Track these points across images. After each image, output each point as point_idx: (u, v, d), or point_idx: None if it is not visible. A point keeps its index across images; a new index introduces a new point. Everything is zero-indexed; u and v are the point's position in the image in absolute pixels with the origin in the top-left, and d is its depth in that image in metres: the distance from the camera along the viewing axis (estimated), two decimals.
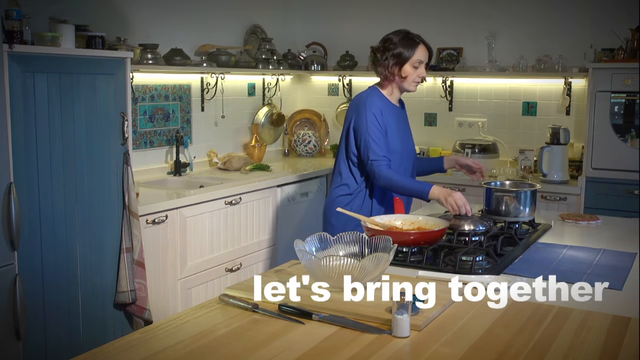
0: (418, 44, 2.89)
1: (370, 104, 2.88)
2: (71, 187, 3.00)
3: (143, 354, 1.55)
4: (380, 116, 2.87)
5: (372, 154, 2.83)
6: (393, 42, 2.89)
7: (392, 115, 2.94)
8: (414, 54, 2.87)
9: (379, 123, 2.85)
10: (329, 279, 1.88)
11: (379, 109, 2.87)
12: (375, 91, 2.96)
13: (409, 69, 2.88)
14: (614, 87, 4.15)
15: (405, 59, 2.87)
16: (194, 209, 3.73)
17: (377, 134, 2.84)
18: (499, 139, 4.93)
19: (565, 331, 1.67)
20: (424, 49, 2.92)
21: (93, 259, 3.11)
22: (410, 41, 2.89)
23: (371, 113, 2.86)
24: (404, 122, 3.08)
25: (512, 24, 4.87)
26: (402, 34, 2.92)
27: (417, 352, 1.56)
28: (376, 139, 2.84)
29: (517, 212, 2.84)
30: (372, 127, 2.85)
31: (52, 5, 3.42)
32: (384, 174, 2.81)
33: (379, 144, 2.83)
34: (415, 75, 2.90)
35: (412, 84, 2.93)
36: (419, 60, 2.88)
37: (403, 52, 2.86)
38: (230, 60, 4.64)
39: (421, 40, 2.93)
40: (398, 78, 2.90)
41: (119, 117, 3.20)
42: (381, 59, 2.90)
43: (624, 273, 2.19)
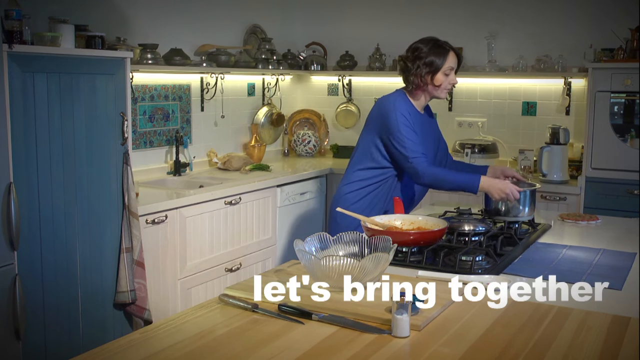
0: (448, 52, 2.92)
1: (399, 105, 2.91)
2: (71, 187, 3.00)
3: (143, 354, 1.55)
4: (409, 116, 2.89)
5: (410, 152, 2.84)
6: (423, 50, 2.91)
7: (417, 121, 2.95)
8: (446, 61, 2.90)
9: (410, 123, 2.88)
10: (328, 279, 1.88)
11: (407, 111, 2.90)
12: (402, 95, 2.98)
13: (441, 77, 2.90)
14: (614, 87, 4.15)
15: (437, 67, 2.89)
16: (193, 209, 3.73)
17: (411, 132, 2.86)
18: (499, 139, 4.93)
19: (565, 331, 1.67)
20: (453, 56, 2.94)
21: (93, 259, 3.11)
22: (440, 49, 2.92)
23: (401, 115, 2.87)
24: (429, 129, 3.08)
25: (512, 24, 4.87)
26: (431, 42, 2.94)
27: (417, 352, 1.56)
28: (410, 137, 2.85)
29: (517, 212, 2.85)
30: (403, 126, 2.86)
31: (51, 5, 3.42)
32: (428, 170, 2.83)
33: (415, 142, 2.85)
34: (447, 83, 2.93)
35: (444, 91, 2.96)
36: (450, 67, 2.91)
37: (435, 60, 2.88)
38: (230, 60, 4.64)
39: (450, 47, 2.96)
40: (430, 86, 2.92)
41: (119, 117, 3.20)
42: (413, 67, 2.91)
43: (623, 273, 2.19)
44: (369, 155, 2.99)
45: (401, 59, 2.99)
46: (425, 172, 2.82)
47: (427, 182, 2.88)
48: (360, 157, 3.03)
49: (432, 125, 3.15)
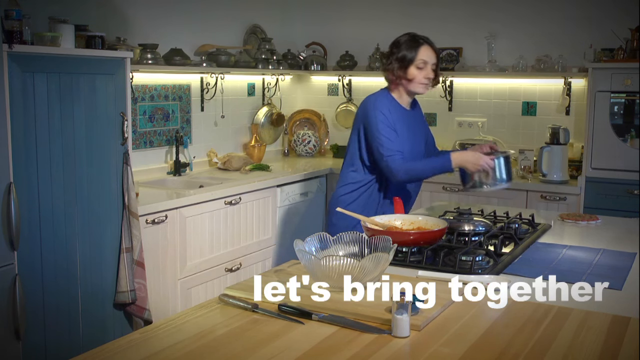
0: (421, 45, 2.90)
1: (379, 103, 2.91)
2: (71, 187, 3.00)
3: (143, 354, 1.55)
4: (389, 114, 2.89)
5: (385, 150, 2.85)
6: (397, 45, 2.92)
7: (402, 118, 2.95)
8: (417, 55, 2.88)
9: (388, 121, 2.87)
10: (328, 279, 1.88)
11: (387, 108, 2.90)
12: (384, 93, 3.00)
13: (413, 70, 2.89)
14: (614, 87, 4.15)
15: (409, 61, 2.88)
16: (193, 209, 3.73)
17: (388, 130, 2.86)
18: (499, 138, 4.93)
19: (565, 331, 1.67)
20: (428, 49, 2.91)
21: (93, 259, 3.11)
22: (413, 42, 2.90)
23: (380, 112, 2.88)
24: (416, 124, 3.07)
25: (512, 24, 4.87)
26: (407, 36, 2.94)
27: (416, 352, 1.56)
28: (387, 135, 2.85)
29: (495, 181, 2.84)
30: (381, 125, 2.86)
31: (51, 5, 3.42)
32: (401, 166, 2.83)
33: (391, 140, 2.85)
34: (421, 77, 2.91)
35: (419, 86, 2.93)
36: (422, 60, 2.88)
37: (406, 54, 2.88)
38: (230, 60, 4.64)
39: (426, 41, 2.93)
40: (405, 81, 2.92)
41: (119, 117, 3.20)
42: (387, 63, 2.94)
43: (623, 273, 2.19)
44: (357, 156, 3.00)
45: (380, 55, 3.00)
46: (399, 169, 2.82)
47: (402, 178, 2.87)
48: (350, 158, 3.04)
49: (420, 119, 3.15)
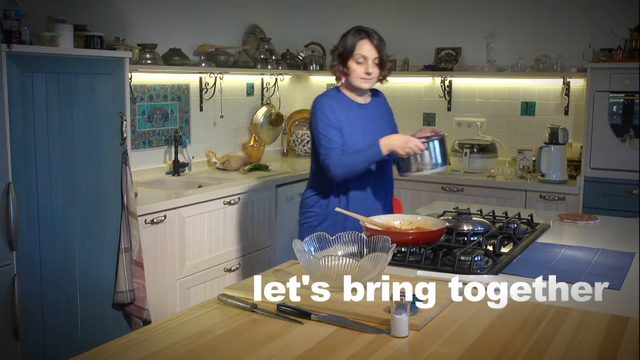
0: (360, 39, 2.79)
1: (319, 102, 2.84)
2: (70, 187, 2.99)
3: (142, 354, 1.55)
4: (331, 112, 2.80)
5: (323, 149, 2.77)
6: (341, 39, 2.84)
7: (352, 112, 2.86)
8: (355, 49, 2.78)
9: (329, 119, 2.78)
10: (327, 279, 1.88)
11: (328, 106, 2.81)
12: (331, 91, 2.92)
13: (352, 65, 2.80)
14: (613, 87, 4.15)
15: (347, 56, 2.80)
16: (192, 209, 3.73)
17: (327, 128, 2.78)
18: (498, 138, 4.93)
19: (563, 331, 1.68)
20: (367, 44, 2.79)
21: (92, 259, 3.11)
22: (353, 36, 2.81)
23: (320, 111, 2.81)
24: (376, 118, 2.95)
25: (511, 24, 4.87)
26: (352, 30, 2.85)
27: (415, 352, 1.56)
28: (326, 133, 2.77)
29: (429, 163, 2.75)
30: (321, 124, 2.79)
31: (50, 5, 3.42)
32: (336, 162, 2.73)
33: (330, 138, 2.77)
34: (361, 72, 2.80)
35: (360, 81, 2.82)
36: (361, 55, 2.78)
37: (345, 48, 2.80)
38: (228, 60, 4.64)
39: (367, 34, 2.81)
40: (346, 76, 2.85)
41: (118, 117, 3.20)
42: (331, 57, 2.89)
43: (622, 273, 2.19)
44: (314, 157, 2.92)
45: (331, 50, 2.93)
46: (335, 164, 2.74)
47: (340, 174, 2.76)
48: (312, 159, 2.96)
49: (382, 111, 3.03)
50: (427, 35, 5.18)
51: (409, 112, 5.28)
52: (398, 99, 5.33)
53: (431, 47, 5.16)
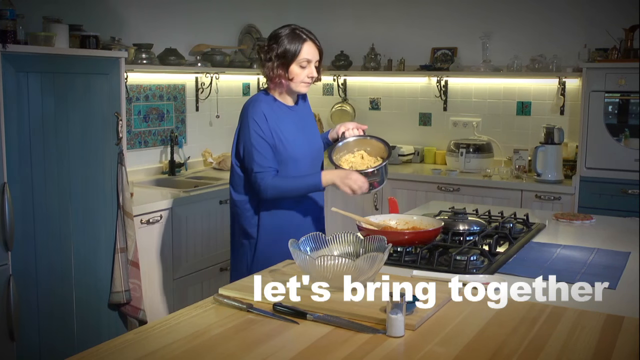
0: (305, 41, 2.59)
1: (252, 110, 2.62)
2: (65, 187, 2.99)
3: (137, 354, 1.54)
4: (265, 122, 2.59)
5: (256, 166, 2.58)
6: (278, 39, 2.59)
7: (286, 117, 2.67)
8: (300, 52, 2.58)
9: (262, 131, 2.58)
10: (324, 279, 1.88)
11: (262, 115, 2.60)
12: (261, 95, 2.70)
13: (295, 69, 2.60)
14: (608, 86, 4.16)
15: (290, 59, 2.58)
16: (188, 208, 3.72)
17: (260, 142, 2.58)
18: (494, 138, 4.94)
19: (559, 330, 1.68)
20: (312, 47, 2.61)
21: (87, 259, 3.11)
22: (296, 38, 2.59)
23: (253, 120, 2.59)
24: (306, 119, 2.79)
25: (507, 24, 4.88)
26: (288, 29, 2.62)
27: (411, 352, 1.56)
28: (260, 148, 2.58)
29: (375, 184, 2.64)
30: (254, 135, 2.58)
31: (45, 4, 3.41)
32: (270, 183, 2.56)
33: (264, 154, 2.58)
34: (303, 76, 2.61)
35: (301, 85, 2.64)
36: (306, 59, 2.59)
37: (288, 50, 2.57)
38: (224, 60, 4.64)
39: (309, 37, 2.62)
40: (285, 80, 2.62)
41: (113, 117, 3.19)
42: (265, 58, 2.62)
43: (617, 272, 2.20)
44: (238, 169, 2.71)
45: (258, 49, 2.70)
46: (267, 186, 2.56)
47: (271, 196, 2.59)
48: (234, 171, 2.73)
49: (309, 112, 2.86)
50: (423, 35, 5.18)
51: (405, 112, 5.29)
52: (394, 99, 5.34)
53: (427, 47, 5.16)
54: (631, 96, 4.16)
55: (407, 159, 5.09)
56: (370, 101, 5.44)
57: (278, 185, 2.58)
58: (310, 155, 2.72)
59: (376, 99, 5.42)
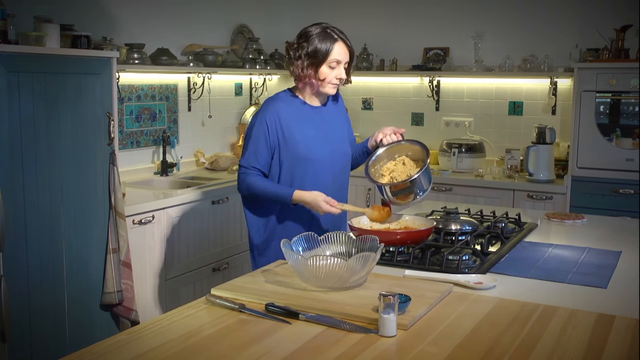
0: (336, 41, 2.53)
1: (266, 108, 2.60)
2: (57, 187, 2.98)
3: (129, 354, 1.54)
4: (276, 123, 2.56)
5: (244, 161, 2.59)
6: (308, 38, 2.53)
7: (306, 118, 2.61)
8: (331, 52, 2.52)
9: (269, 132, 2.55)
10: (316, 279, 1.89)
11: (275, 115, 2.56)
12: (284, 94, 2.66)
13: (325, 69, 2.53)
14: (599, 86, 4.18)
15: (321, 59, 2.52)
16: (180, 209, 3.72)
17: (259, 141, 2.56)
18: (486, 138, 4.95)
19: (550, 329, 1.68)
20: (342, 47, 2.55)
21: (79, 260, 3.10)
22: (327, 37, 2.53)
23: (262, 119, 2.57)
24: (332, 121, 2.70)
25: (499, 24, 4.89)
26: (319, 28, 2.56)
27: (403, 352, 1.57)
28: (255, 146, 2.57)
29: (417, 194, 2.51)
30: (256, 133, 2.57)
31: (37, 4, 3.40)
32: (247, 180, 2.58)
33: (255, 153, 2.57)
34: (332, 77, 2.55)
35: (330, 86, 2.58)
36: (336, 60, 2.53)
37: (319, 49, 2.51)
38: (217, 60, 4.63)
39: (341, 36, 2.56)
40: (314, 80, 2.56)
41: (105, 117, 3.18)
42: (294, 57, 2.56)
43: (608, 271, 2.21)
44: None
45: (286, 46, 2.62)
46: (244, 182, 2.58)
47: (244, 193, 2.62)
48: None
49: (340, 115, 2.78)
50: (415, 35, 5.19)
51: (397, 112, 5.30)
52: (386, 99, 5.35)
53: (419, 47, 5.17)
54: (622, 96, 4.18)
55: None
56: (362, 101, 5.45)
57: (252, 187, 2.58)
58: (330, 157, 2.64)
59: (368, 99, 5.42)
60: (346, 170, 2.77)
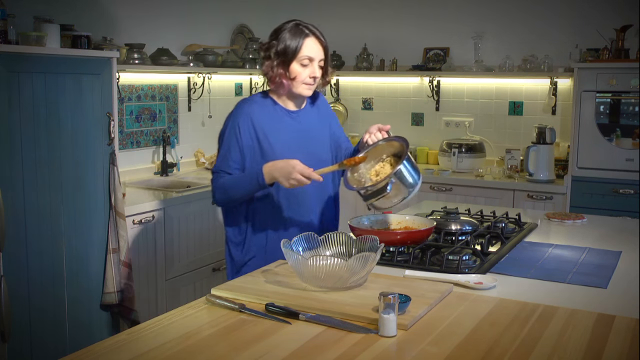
0: (307, 36, 2.34)
1: (238, 111, 2.41)
2: (57, 187, 2.98)
3: (129, 355, 1.54)
4: (248, 126, 2.37)
5: (215, 167, 2.41)
6: (278, 35, 2.36)
7: (281, 122, 2.42)
8: (301, 49, 2.33)
9: (241, 135, 2.37)
10: (316, 279, 1.89)
11: (248, 117, 2.38)
12: (259, 96, 2.47)
13: (296, 67, 2.34)
14: (599, 86, 4.18)
15: (291, 55, 2.33)
16: (180, 209, 3.72)
17: (230, 145, 2.39)
18: (486, 138, 4.95)
19: (550, 329, 1.68)
20: (315, 43, 2.35)
21: (79, 260, 3.10)
22: (297, 33, 2.35)
23: (235, 122, 2.39)
24: (311, 126, 2.50)
25: (499, 24, 4.90)
26: (291, 24, 2.39)
27: (403, 352, 1.57)
28: (226, 150, 2.39)
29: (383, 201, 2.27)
30: (227, 137, 2.40)
31: (37, 4, 3.40)
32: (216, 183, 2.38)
33: (226, 158, 2.38)
34: (305, 76, 2.35)
35: (303, 87, 2.38)
36: (307, 57, 2.33)
37: (289, 46, 2.33)
38: (217, 60, 4.63)
39: (313, 31, 2.37)
40: (285, 80, 2.37)
41: (105, 117, 3.18)
42: (265, 56, 2.39)
43: (608, 271, 2.21)
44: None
45: (259, 46, 2.45)
46: (215, 188, 2.38)
47: (220, 199, 2.38)
48: None
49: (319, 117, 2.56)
50: (416, 35, 5.19)
51: (397, 112, 5.30)
52: (386, 99, 5.35)
53: (419, 47, 5.17)
54: (622, 96, 4.18)
55: None
56: (362, 101, 5.45)
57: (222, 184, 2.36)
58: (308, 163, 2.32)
59: (369, 99, 5.42)
60: (327, 179, 2.52)
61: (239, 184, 2.34)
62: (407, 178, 2.20)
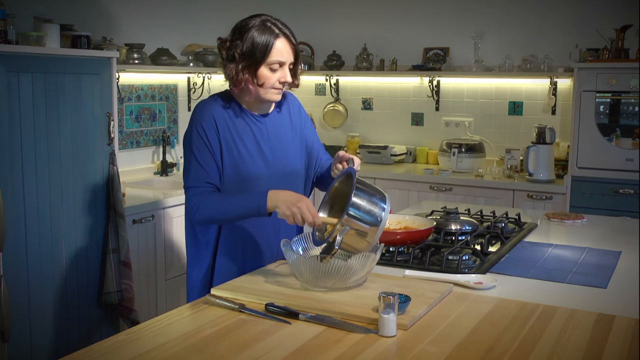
0: (277, 37, 2.09)
1: (200, 113, 2.11)
2: (57, 187, 2.98)
3: (129, 355, 1.54)
4: (213, 130, 2.10)
5: (191, 180, 2.10)
6: (243, 34, 2.10)
7: (247, 127, 2.15)
8: (271, 52, 2.07)
9: (208, 139, 2.09)
10: (316, 279, 1.89)
11: (211, 120, 2.10)
12: (221, 97, 2.18)
13: (265, 72, 2.08)
14: (599, 86, 4.18)
15: (259, 59, 2.07)
16: (180, 209, 3.71)
17: (203, 152, 2.09)
18: (486, 138, 4.95)
19: (550, 329, 1.68)
20: (285, 45, 2.10)
21: (79, 259, 3.10)
22: (266, 32, 2.10)
23: (198, 125, 2.10)
24: (279, 133, 2.23)
25: (499, 24, 4.89)
26: (258, 20, 2.15)
27: (403, 352, 1.57)
28: (201, 159, 2.09)
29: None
30: (196, 142, 2.09)
31: (36, 4, 3.40)
32: (198, 202, 2.07)
33: (202, 166, 2.09)
34: (274, 81, 2.09)
35: (272, 92, 2.11)
36: (277, 61, 2.08)
37: (256, 48, 2.06)
38: (217, 60, 4.63)
39: (283, 31, 2.13)
40: (251, 86, 2.10)
41: (105, 117, 3.18)
42: (227, 57, 2.12)
43: (608, 271, 2.21)
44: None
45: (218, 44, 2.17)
46: (195, 204, 2.08)
47: (201, 217, 2.09)
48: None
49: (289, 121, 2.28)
50: (415, 35, 5.19)
51: (397, 112, 5.30)
52: (386, 99, 5.34)
53: (419, 47, 5.17)
54: (622, 96, 4.18)
55: (400, 158, 5.09)
56: (362, 101, 5.45)
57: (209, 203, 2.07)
58: (274, 174, 2.17)
59: (368, 99, 5.42)
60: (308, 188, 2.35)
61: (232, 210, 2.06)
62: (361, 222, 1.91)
